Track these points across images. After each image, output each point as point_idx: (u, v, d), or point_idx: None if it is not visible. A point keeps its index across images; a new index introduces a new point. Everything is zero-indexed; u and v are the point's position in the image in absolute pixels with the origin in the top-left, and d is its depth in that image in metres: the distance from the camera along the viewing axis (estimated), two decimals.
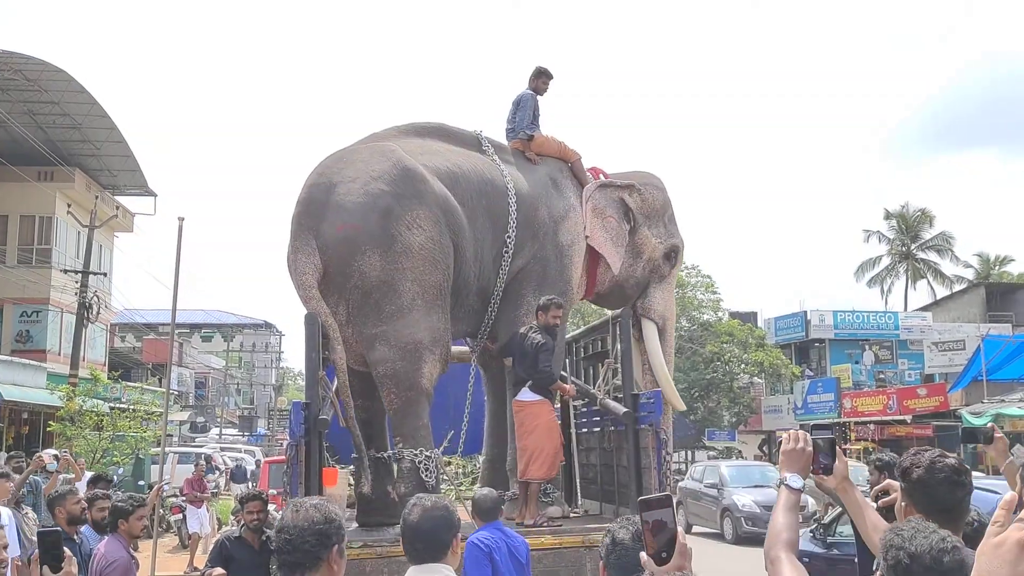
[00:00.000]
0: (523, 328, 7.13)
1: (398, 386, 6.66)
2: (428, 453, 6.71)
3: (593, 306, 36.99)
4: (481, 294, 7.46)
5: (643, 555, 2.14)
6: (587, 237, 7.79)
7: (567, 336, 9.40)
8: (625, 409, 6.94)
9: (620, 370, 7.34)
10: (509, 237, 7.39)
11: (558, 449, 7.11)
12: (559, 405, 9.48)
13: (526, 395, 7.04)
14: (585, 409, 8.58)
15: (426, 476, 6.66)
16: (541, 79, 8.20)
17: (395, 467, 7.03)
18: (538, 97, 8.19)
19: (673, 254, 8.34)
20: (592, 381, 8.21)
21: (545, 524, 6.73)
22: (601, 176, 8.20)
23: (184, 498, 15.75)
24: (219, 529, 14.16)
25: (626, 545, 2.45)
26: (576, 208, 7.86)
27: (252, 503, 6.44)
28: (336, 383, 6.89)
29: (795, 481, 2.45)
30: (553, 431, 7.11)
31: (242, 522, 6.58)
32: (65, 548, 2.70)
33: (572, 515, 7.55)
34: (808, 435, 2.55)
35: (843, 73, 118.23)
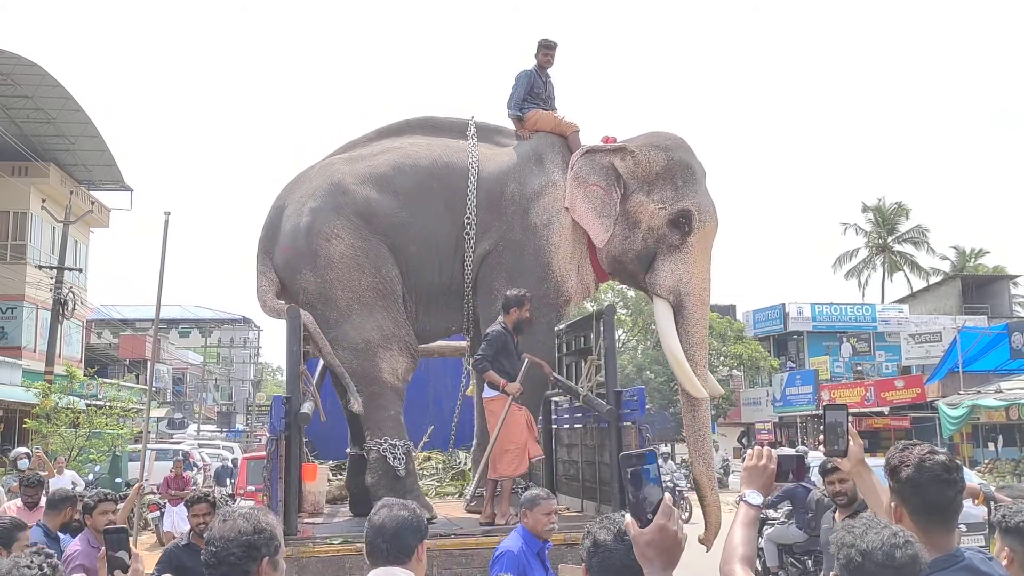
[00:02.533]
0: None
1: (360, 383, 7.01)
2: (393, 441, 6.93)
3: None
4: (452, 285, 7.37)
5: (626, 515, 2.09)
6: (567, 208, 7.21)
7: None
8: (608, 406, 6.91)
9: (604, 367, 7.30)
10: (468, 219, 7.23)
11: (525, 445, 6.78)
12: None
13: (488, 392, 6.92)
14: (568, 406, 8.56)
15: (395, 464, 6.88)
16: (540, 52, 7.87)
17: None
18: (545, 71, 7.90)
19: (684, 220, 7.15)
20: (576, 378, 8.14)
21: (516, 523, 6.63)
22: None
23: (159, 496, 15.60)
24: None
25: (608, 546, 2.31)
26: (558, 183, 7.30)
27: (198, 506, 5.84)
28: (316, 376, 7.29)
29: (754, 498, 2.39)
30: (517, 427, 6.77)
31: (189, 527, 6.01)
32: (132, 547, 2.79)
33: None
34: (772, 451, 2.48)
35: (823, 66, 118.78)
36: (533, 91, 7.73)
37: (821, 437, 2.82)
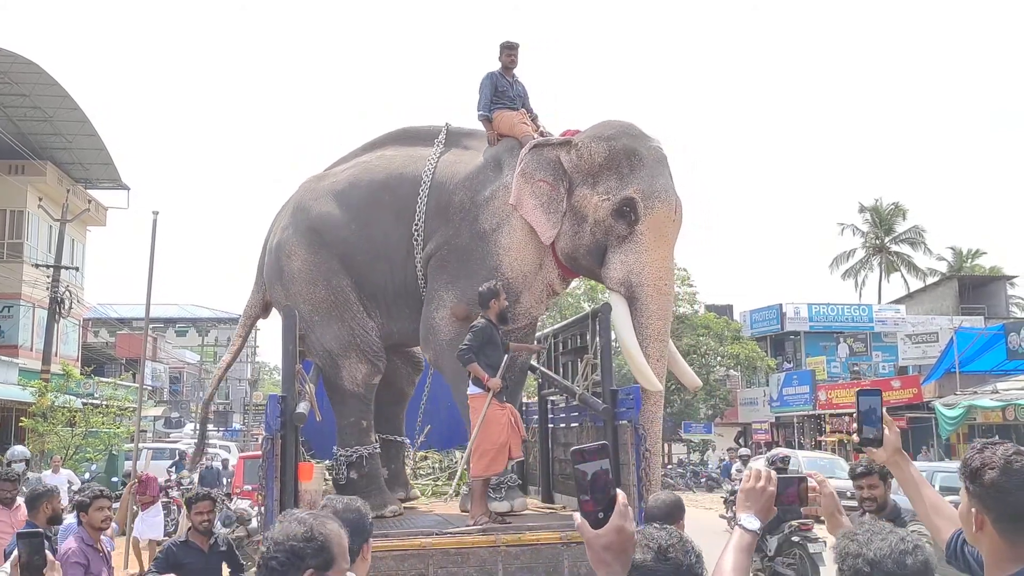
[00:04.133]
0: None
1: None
2: (352, 449, 7.49)
3: (569, 299, 37.32)
4: (407, 289, 7.52)
5: (576, 516, 1.92)
6: (513, 206, 7.04)
7: (543, 332, 9.39)
8: (604, 405, 6.91)
9: (599, 365, 7.30)
10: (416, 227, 7.35)
11: (502, 444, 6.65)
12: (536, 399, 9.49)
13: (472, 388, 6.83)
14: (564, 405, 8.56)
15: (338, 475, 7.47)
16: (503, 53, 7.81)
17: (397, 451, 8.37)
18: (511, 72, 7.82)
19: (628, 208, 6.78)
20: (572, 376, 8.15)
21: (484, 523, 6.50)
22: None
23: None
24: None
25: (649, 567, 2.02)
26: (509, 187, 7.13)
27: (201, 503, 6.12)
28: (311, 375, 7.46)
29: (750, 522, 2.19)
30: (496, 426, 6.66)
31: (189, 524, 6.22)
32: (48, 553, 2.63)
33: (525, 511, 7.33)
34: (772, 473, 2.27)
35: (820, 67, 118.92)
36: (499, 91, 7.66)
37: (854, 426, 2.63)
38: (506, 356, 6.78)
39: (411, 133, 8.04)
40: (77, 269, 30.35)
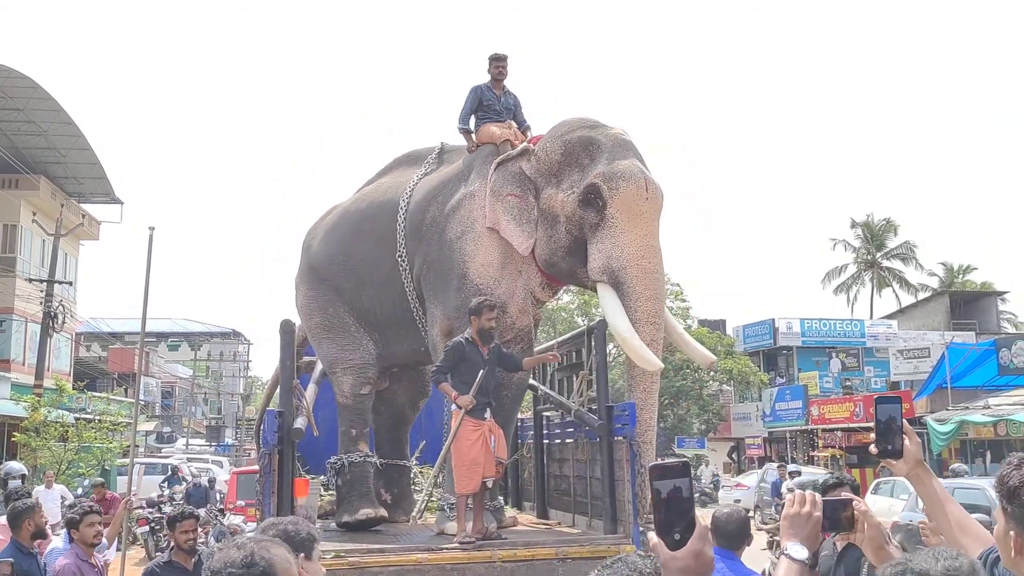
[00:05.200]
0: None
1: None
2: (339, 457, 7.70)
3: (563, 314, 37.41)
4: (397, 313, 7.62)
5: (651, 536, 1.82)
6: (489, 228, 6.90)
7: (539, 348, 9.42)
8: (600, 421, 6.93)
9: (595, 381, 7.33)
10: (400, 253, 7.43)
11: (472, 462, 6.38)
12: (530, 415, 9.53)
13: (453, 406, 6.64)
14: (560, 420, 8.59)
15: (337, 479, 7.68)
16: (491, 65, 7.69)
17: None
18: (500, 85, 7.68)
19: (593, 195, 6.57)
20: (567, 393, 8.17)
21: (467, 541, 6.33)
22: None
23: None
24: None
25: None
26: (475, 195, 7.06)
27: (186, 522, 5.86)
28: (308, 390, 7.81)
29: (797, 551, 2.04)
30: (466, 443, 6.42)
31: (171, 544, 6.00)
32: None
33: (509, 527, 7.27)
34: (817, 496, 2.10)
35: (812, 84, 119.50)
36: (483, 104, 7.54)
37: (872, 436, 2.47)
38: (480, 372, 6.47)
39: (412, 156, 8.13)
40: (70, 283, 30.31)
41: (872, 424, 2.50)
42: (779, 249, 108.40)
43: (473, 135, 7.49)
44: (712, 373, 37.30)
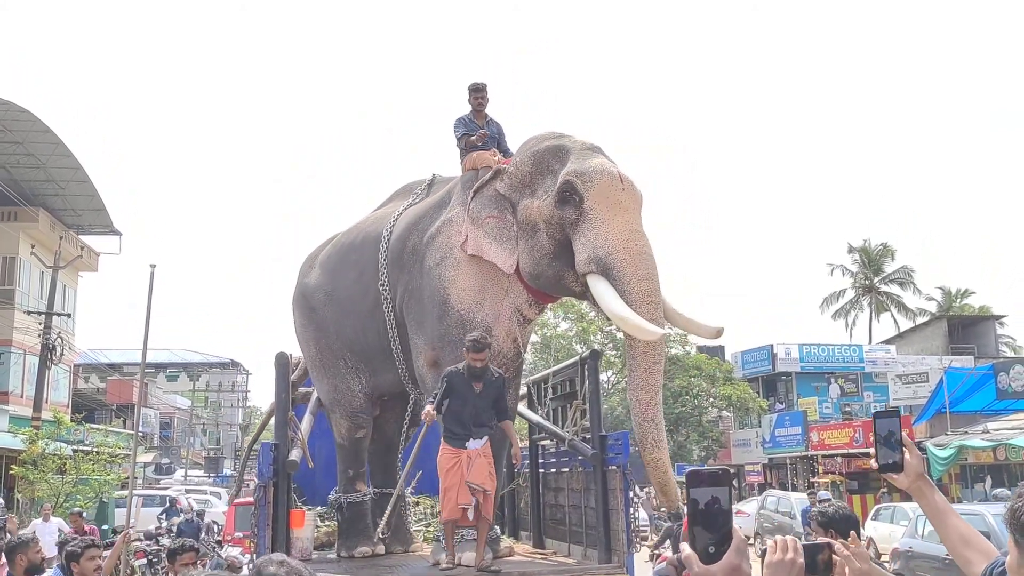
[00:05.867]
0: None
1: None
2: (337, 496, 8.04)
3: (562, 341, 37.40)
4: (380, 344, 7.61)
5: (684, 547, 1.72)
6: (472, 255, 6.84)
7: (534, 377, 9.47)
8: (593, 450, 6.96)
9: (588, 411, 7.36)
10: (382, 283, 7.41)
11: (449, 489, 6.42)
12: (526, 443, 9.54)
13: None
14: (555, 450, 8.61)
15: (338, 516, 7.99)
16: (471, 96, 7.71)
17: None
18: (482, 115, 7.68)
19: (568, 192, 6.44)
20: (562, 422, 8.19)
21: (444, 567, 6.42)
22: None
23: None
24: None
25: None
26: (454, 221, 7.04)
27: (186, 555, 6.00)
28: (304, 423, 7.85)
29: None
30: (441, 471, 6.50)
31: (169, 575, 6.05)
32: None
33: (504, 557, 7.28)
34: (799, 543, 1.97)
35: (807, 110, 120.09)
36: (459, 135, 7.57)
37: (872, 451, 2.43)
38: (425, 420, 6.54)
39: (407, 188, 8.22)
40: (69, 315, 30.33)
41: (870, 449, 2.48)
42: (777, 275, 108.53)
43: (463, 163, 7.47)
44: (711, 399, 37.27)
